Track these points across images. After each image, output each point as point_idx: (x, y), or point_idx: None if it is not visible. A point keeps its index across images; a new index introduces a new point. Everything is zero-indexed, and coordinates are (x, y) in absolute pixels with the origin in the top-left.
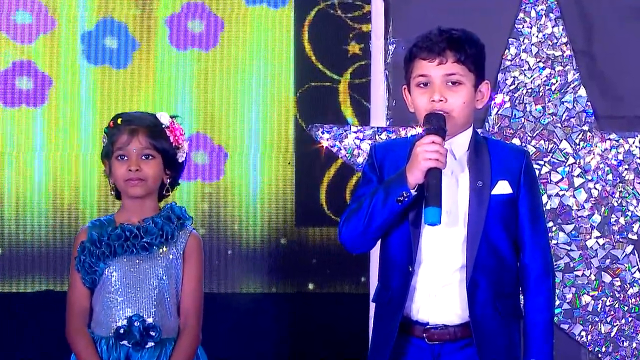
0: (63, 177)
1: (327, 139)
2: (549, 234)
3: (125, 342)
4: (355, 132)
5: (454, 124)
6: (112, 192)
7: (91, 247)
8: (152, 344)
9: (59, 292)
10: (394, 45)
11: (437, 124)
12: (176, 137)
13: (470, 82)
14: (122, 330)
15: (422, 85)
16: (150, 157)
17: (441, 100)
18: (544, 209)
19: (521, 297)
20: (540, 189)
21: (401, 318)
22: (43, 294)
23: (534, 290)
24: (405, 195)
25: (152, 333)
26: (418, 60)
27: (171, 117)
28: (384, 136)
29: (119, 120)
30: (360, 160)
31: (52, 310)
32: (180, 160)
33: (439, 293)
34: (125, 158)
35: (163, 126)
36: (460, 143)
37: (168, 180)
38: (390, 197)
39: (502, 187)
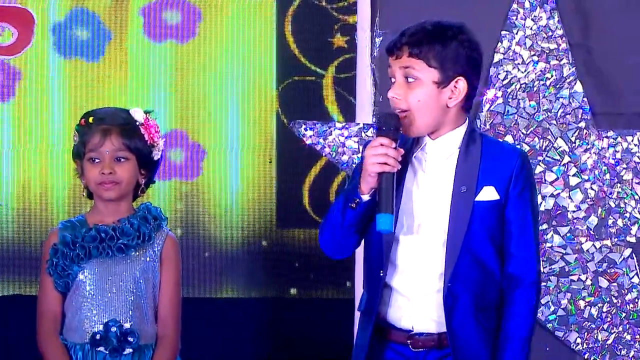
0: (32, 175)
1: (311, 136)
2: (544, 237)
3: (102, 348)
4: (340, 129)
5: (416, 124)
6: (84, 193)
7: (64, 249)
8: (130, 350)
9: (27, 297)
10: (381, 38)
11: (387, 125)
12: (151, 135)
13: (430, 79)
14: (98, 336)
15: (391, 81)
16: (124, 159)
17: (395, 97)
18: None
19: None
20: (536, 192)
21: (373, 323)
22: (10, 298)
23: (515, 304)
24: (356, 201)
25: (130, 339)
26: None
27: (145, 112)
28: (370, 133)
29: (90, 119)
30: (345, 158)
31: (20, 315)
32: (155, 159)
33: (422, 301)
34: (98, 160)
35: (137, 123)
36: (449, 142)
37: (143, 181)
38: (347, 204)
39: (488, 193)
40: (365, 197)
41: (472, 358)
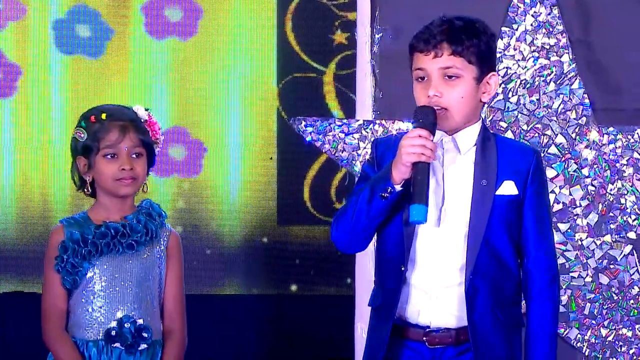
0: (32, 172)
1: (311, 133)
2: None
3: (117, 344)
4: (340, 126)
5: (452, 120)
6: (88, 190)
7: (74, 246)
8: (145, 345)
9: (28, 294)
10: (381, 34)
11: (425, 118)
12: (154, 132)
13: (471, 75)
14: (113, 332)
15: (420, 79)
16: (139, 155)
17: (436, 96)
18: None
19: (523, 303)
20: (548, 190)
21: (393, 321)
22: (11, 295)
23: (538, 300)
24: (389, 190)
25: (145, 334)
26: (416, 54)
27: (146, 109)
28: (370, 129)
29: (102, 115)
30: (345, 155)
31: (22, 312)
32: (156, 155)
33: (440, 295)
34: (115, 156)
35: (142, 120)
36: (466, 138)
37: (146, 177)
38: (375, 194)
39: (508, 188)
40: (398, 187)
41: (491, 352)
